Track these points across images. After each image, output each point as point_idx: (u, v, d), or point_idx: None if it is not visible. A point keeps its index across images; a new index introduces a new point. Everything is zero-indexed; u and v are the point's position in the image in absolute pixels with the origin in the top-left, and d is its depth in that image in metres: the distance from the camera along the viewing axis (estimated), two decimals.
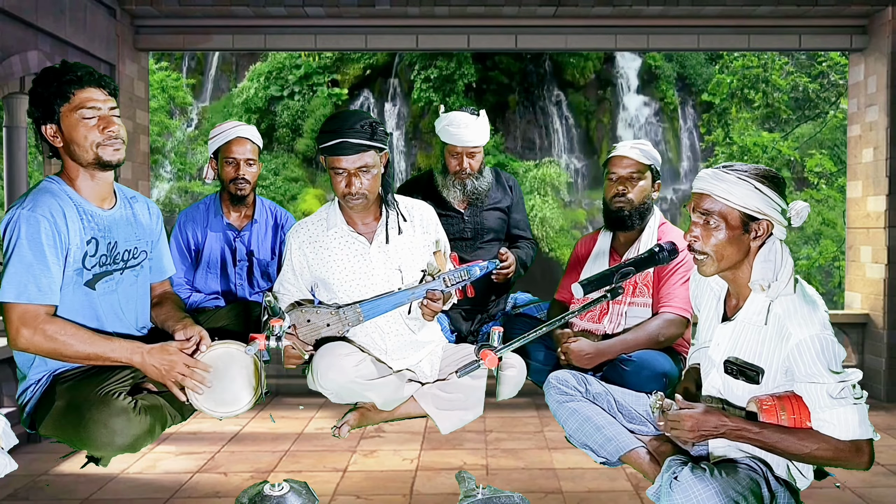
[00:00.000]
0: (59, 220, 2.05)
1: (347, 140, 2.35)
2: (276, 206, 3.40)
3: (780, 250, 1.85)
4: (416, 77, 15.09)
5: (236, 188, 3.16)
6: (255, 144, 3.20)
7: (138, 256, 2.30)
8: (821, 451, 1.74)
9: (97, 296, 2.16)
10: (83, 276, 2.13)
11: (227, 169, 3.15)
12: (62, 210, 2.07)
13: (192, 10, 4.27)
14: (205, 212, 3.26)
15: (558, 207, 14.33)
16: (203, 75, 17.20)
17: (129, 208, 2.30)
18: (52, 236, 2.04)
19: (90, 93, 2.09)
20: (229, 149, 3.14)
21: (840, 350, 1.75)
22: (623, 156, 2.78)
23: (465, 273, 2.41)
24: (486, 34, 4.49)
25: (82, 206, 2.14)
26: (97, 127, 2.09)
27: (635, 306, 2.74)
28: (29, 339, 2.02)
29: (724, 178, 1.83)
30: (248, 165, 3.16)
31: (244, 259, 3.24)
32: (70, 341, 2.04)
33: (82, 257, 2.11)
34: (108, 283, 2.19)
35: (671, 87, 16.05)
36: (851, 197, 4.63)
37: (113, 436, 1.98)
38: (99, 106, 2.09)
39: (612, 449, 2.14)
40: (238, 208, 3.24)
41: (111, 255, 2.19)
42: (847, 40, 4.47)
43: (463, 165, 3.23)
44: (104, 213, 2.19)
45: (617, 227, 2.85)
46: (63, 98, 2.07)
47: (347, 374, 2.38)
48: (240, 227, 3.25)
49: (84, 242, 2.11)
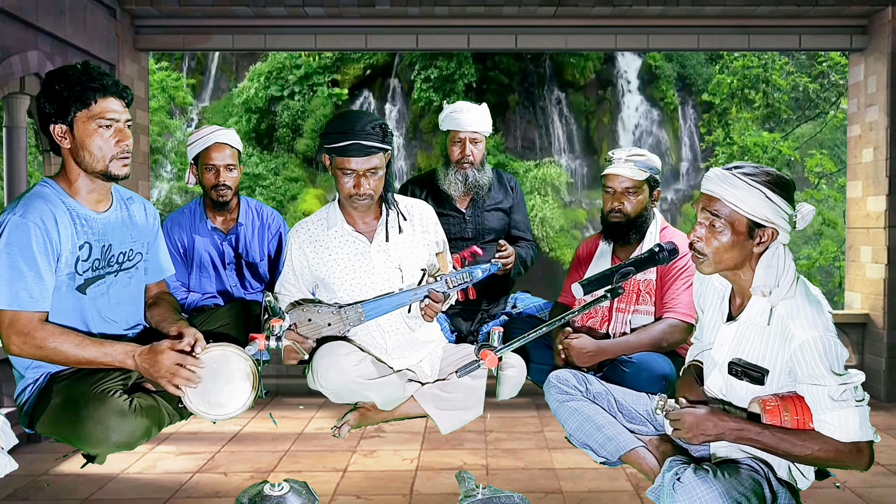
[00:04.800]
0: (51, 227, 2.03)
1: (359, 142, 2.35)
2: (261, 205, 3.37)
3: (783, 255, 1.84)
4: (416, 77, 15.09)
5: (218, 195, 3.12)
6: (235, 149, 3.16)
7: (133, 258, 2.29)
8: (821, 452, 1.74)
9: (87, 300, 2.16)
10: (75, 280, 2.12)
11: (207, 175, 3.12)
12: (53, 216, 2.05)
13: (192, 10, 4.27)
14: (190, 216, 3.24)
15: (558, 207, 14.34)
16: (203, 75, 17.21)
17: (124, 210, 2.28)
18: (44, 243, 2.02)
19: (111, 103, 2.07)
20: (208, 155, 3.10)
21: (843, 352, 1.75)
22: (616, 174, 2.77)
23: (467, 275, 2.42)
24: (486, 34, 4.49)
25: (76, 210, 2.12)
26: (112, 139, 2.08)
27: (639, 314, 2.73)
28: (20, 345, 2.02)
29: (736, 183, 1.81)
30: (228, 171, 3.11)
31: (233, 262, 3.23)
32: (62, 347, 2.03)
33: (75, 262, 2.10)
34: (99, 286, 2.18)
35: (671, 87, 16.06)
36: (851, 197, 4.63)
37: (108, 433, 1.98)
38: (118, 118, 2.09)
39: (612, 448, 2.14)
40: (222, 213, 3.21)
41: (105, 259, 2.18)
42: (847, 40, 4.46)
43: (466, 152, 3.26)
44: (98, 217, 2.17)
45: (615, 239, 2.85)
46: (83, 104, 2.05)
47: (347, 374, 2.38)
48: (226, 230, 3.23)
49: (76, 247, 2.10)
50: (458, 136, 3.28)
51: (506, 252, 3.12)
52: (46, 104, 2.07)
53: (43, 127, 2.12)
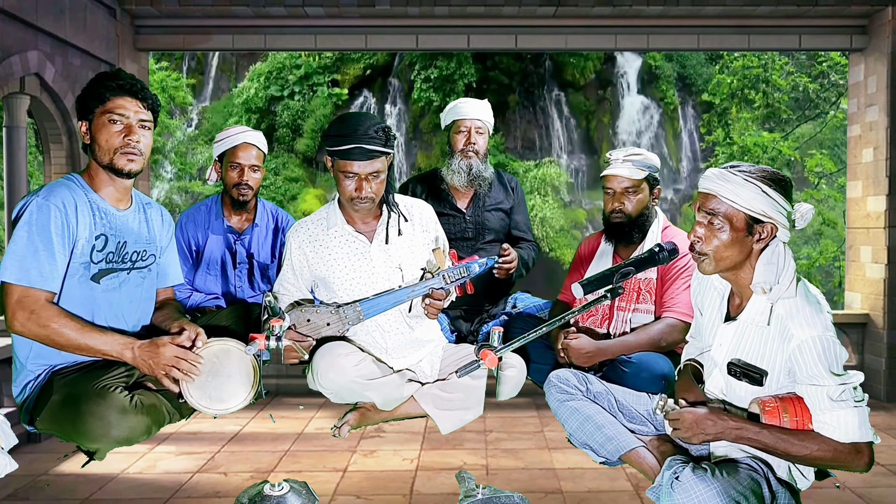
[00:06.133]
0: (70, 211, 2.11)
1: (362, 146, 2.34)
2: (278, 208, 3.40)
3: (783, 253, 1.83)
4: (416, 77, 15.09)
5: (239, 193, 3.16)
6: (261, 151, 3.21)
7: (147, 259, 2.33)
8: (820, 452, 1.73)
9: (100, 291, 2.19)
10: (90, 269, 2.16)
11: (231, 174, 3.16)
12: (74, 202, 2.13)
13: (192, 10, 4.27)
14: (206, 214, 3.26)
15: (558, 207, 14.34)
16: (203, 75, 17.20)
17: (142, 212, 2.35)
18: (62, 225, 2.09)
19: (124, 101, 2.17)
20: (235, 154, 3.15)
21: (842, 352, 1.74)
22: (615, 174, 2.77)
23: (464, 270, 2.41)
24: (486, 34, 4.49)
25: (96, 202, 2.20)
26: (120, 134, 2.16)
27: (639, 313, 2.73)
28: (23, 322, 2.05)
29: (732, 179, 1.81)
30: (252, 171, 3.16)
31: (244, 262, 3.24)
32: (63, 330, 2.06)
33: (90, 251, 2.15)
34: (112, 279, 2.22)
35: (671, 87, 16.05)
36: (851, 197, 4.63)
37: (108, 428, 1.99)
38: (128, 115, 2.17)
39: (612, 448, 2.14)
40: (239, 212, 3.25)
41: (119, 254, 2.23)
42: (847, 40, 4.46)
43: (471, 140, 3.30)
44: (118, 213, 2.24)
45: (617, 239, 2.85)
46: (99, 100, 2.16)
47: (347, 374, 2.38)
48: (240, 230, 3.25)
49: (93, 237, 2.16)
50: (464, 125, 3.31)
51: (509, 256, 3.12)
52: (77, 104, 2.22)
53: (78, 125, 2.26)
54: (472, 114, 3.31)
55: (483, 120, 3.33)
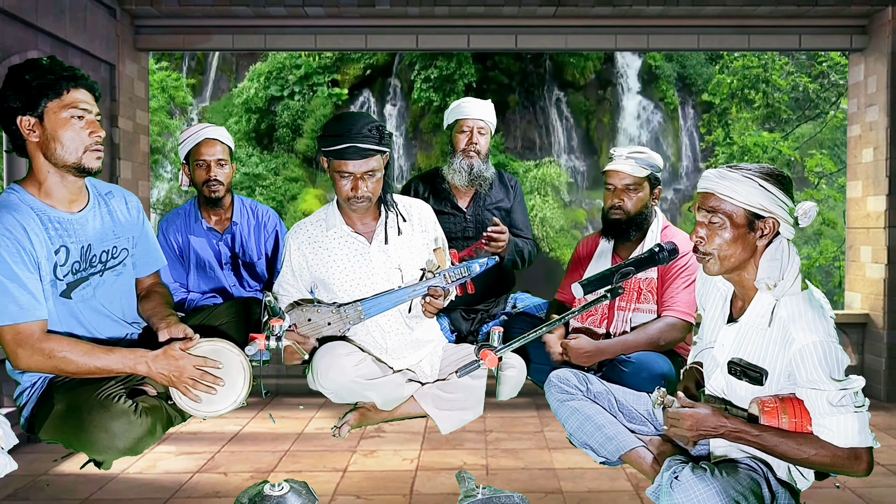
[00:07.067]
0: (21, 236, 1.97)
1: (356, 145, 2.34)
2: (256, 203, 3.38)
3: (787, 249, 1.83)
4: (416, 77, 15.09)
5: (210, 190, 3.12)
6: (226, 145, 3.16)
7: (118, 255, 2.22)
8: (819, 456, 1.73)
9: (74, 304, 2.10)
10: (57, 287, 2.06)
11: (198, 172, 3.13)
12: (21, 225, 1.97)
13: (192, 10, 4.27)
14: (184, 217, 3.23)
15: (558, 207, 14.34)
16: (203, 75, 17.20)
17: (103, 206, 2.21)
18: (17, 253, 1.95)
19: (83, 94, 2.04)
20: (199, 151, 3.12)
21: (843, 357, 1.74)
22: (617, 170, 2.77)
23: (465, 269, 2.42)
24: (486, 34, 4.49)
25: (46, 213, 2.04)
26: (85, 130, 2.03)
27: (640, 312, 2.73)
28: (27, 359, 1.97)
29: (729, 176, 1.82)
30: (219, 166, 3.12)
31: (230, 261, 3.23)
32: (70, 357, 1.98)
33: (53, 268, 2.04)
34: (85, 289, 2.12)
35: (671, 87, 16.06)
36: (851, 197, 4.63)
37: (114, 439, 1.96)
38: (90, 109, 2.05)
39: (612, 448, 2.14)
40: (216, 211, 3.21)
41: (86, 260, 2.12)
42: (847, 40, 4.46)
43: (473, 139, 3.30)
44: (73, 217, 2.10)
45: (615, 236, 2.85)
46: (55, 93, 1.99)
47: (347, 374, 2.38)
48: (221, 230, 3.23)
49: (52, 253, 2.03)
50: (466, 125, 3.31)
51: (499, 227, 3.08)
52: (12, 97, 1.99)
53: (7, 123, 2.03)
54: (474, 114, 3.31)
55: (486, 120, 3.34)
